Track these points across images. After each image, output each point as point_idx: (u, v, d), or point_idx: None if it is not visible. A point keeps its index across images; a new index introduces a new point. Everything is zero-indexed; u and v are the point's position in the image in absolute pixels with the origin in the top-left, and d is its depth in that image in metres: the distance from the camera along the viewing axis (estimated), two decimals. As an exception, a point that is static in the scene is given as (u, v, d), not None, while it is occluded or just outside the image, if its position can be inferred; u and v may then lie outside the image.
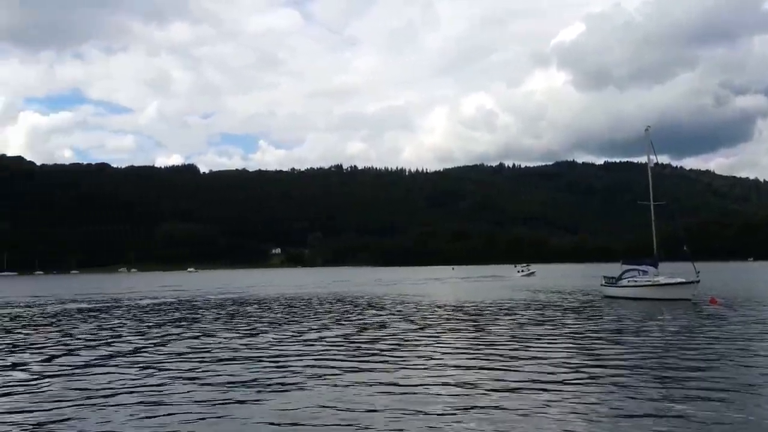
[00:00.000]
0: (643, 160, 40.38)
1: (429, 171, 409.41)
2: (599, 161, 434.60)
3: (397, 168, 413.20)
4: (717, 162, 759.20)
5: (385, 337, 19.25)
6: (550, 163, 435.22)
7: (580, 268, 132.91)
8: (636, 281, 35.36)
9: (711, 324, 21.41)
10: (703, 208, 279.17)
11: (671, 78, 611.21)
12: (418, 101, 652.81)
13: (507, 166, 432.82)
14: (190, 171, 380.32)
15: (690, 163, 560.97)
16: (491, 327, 21.68)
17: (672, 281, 33.52)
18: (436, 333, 20.26)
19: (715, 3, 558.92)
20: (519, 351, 15.80)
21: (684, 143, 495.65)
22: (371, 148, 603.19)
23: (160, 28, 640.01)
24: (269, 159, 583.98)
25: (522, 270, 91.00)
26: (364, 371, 13.44)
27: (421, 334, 20.02)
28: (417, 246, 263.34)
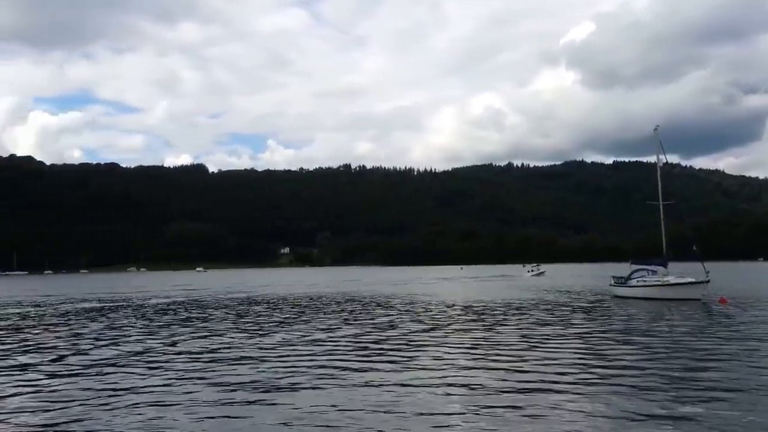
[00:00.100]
0: (653, 159, 40.28)
1: (437, 171, 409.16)
2: (608, 161, 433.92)
3: (406, 168, 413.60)
4: (727, 161, 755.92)
5: (395, 337, 19.26)
6: (558, 163, 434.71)
7: (589, 267, 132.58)
8: (645, 281, 35.25)
9: (721, 324, 21.34)
10: (713, 207, 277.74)
11: (680, 77, 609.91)
12: (426, 101, 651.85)
13: (516, 165, 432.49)
14: (199, 171, 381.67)
15: (699, 163, 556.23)
16: (500, 327, 21.67)
17: (682, 281, 33.41)
18: (445, 333, 20.26)
19: (725, 1, 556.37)
20: (528, 351, 15.79)
21: (693, 142, 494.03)
22: (380, 147, 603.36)
23: (169, 28, 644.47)
24: (278, 159, 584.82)
25: (532, 270, 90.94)
26: (373, 371, 13.46)
27: (431, 334, 20.01)
28: (426, 246, 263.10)
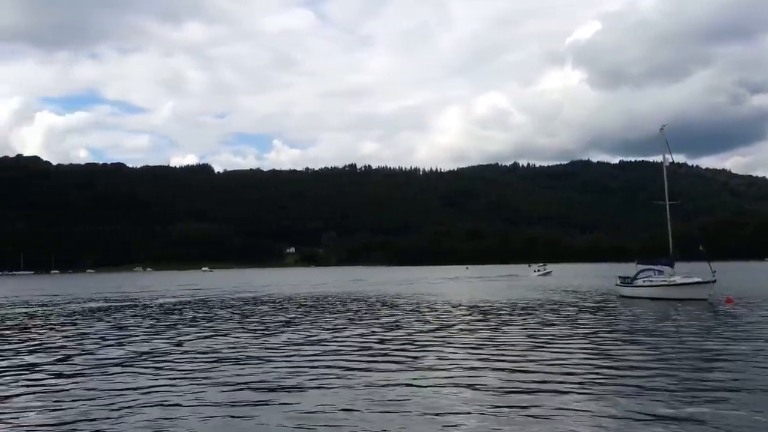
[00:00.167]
0: (659, 159, 40.25)
1: (443, 170, 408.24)
2: (614, 160, 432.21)
3: (411, 167, 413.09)
4: (733, 161, 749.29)
5: (400, 337, 19.27)
6: (564, 163, 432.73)
7: (595, 267, 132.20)
8: (651, 281, 35.15)
9: (727, 324, 21.28)
10: (719, 207, 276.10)
11: (687, 76, 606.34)
12: (431, 101, 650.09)
13: (521, 165, 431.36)
14: (204, 171, 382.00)
15: (706, 162, 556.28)
16: (506, 327, 21.65)
17: (688, 281, 33.30)
18: (450, 333, 20.26)
19: (731, 0, 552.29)
20: (534, 351, 15.78)
21: (700, 142, 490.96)
22: (385, 147, 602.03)
23: (175, 28, 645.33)
24: (283, 159, 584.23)
25: (539, 270, 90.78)
26: (379, 371, 13.47)
27: (436, 334, 20.01)
28: (431, 245, 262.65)
